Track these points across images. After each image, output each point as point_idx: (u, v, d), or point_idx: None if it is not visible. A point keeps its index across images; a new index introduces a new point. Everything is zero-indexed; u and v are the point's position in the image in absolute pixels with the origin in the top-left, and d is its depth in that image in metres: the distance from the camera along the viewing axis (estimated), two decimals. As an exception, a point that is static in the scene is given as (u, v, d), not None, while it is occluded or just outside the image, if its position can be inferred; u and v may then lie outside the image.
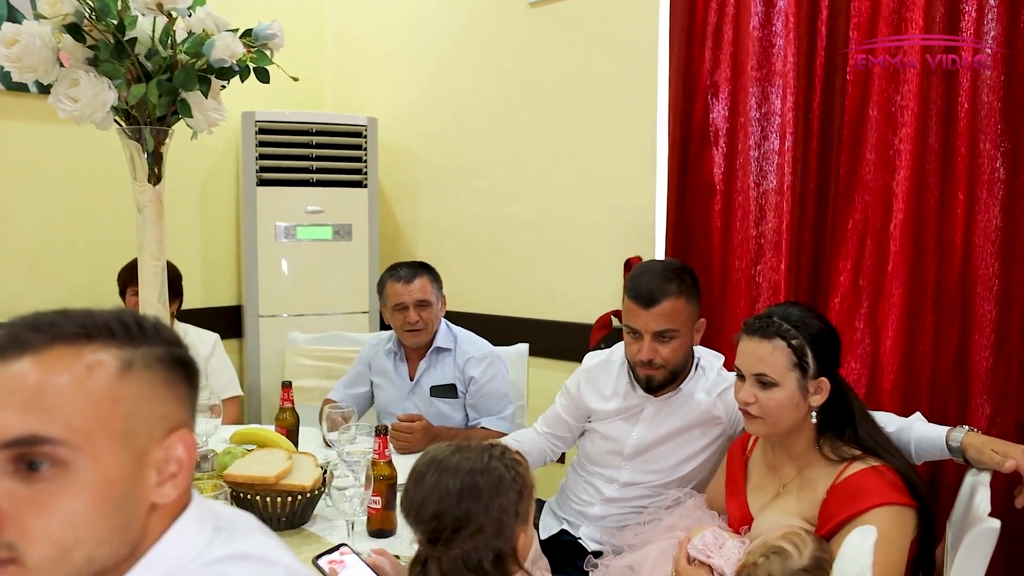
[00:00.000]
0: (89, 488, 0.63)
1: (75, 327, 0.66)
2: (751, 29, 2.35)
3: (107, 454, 0.64)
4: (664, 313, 1.75)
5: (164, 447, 0.68)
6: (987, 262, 1.98)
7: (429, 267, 2.37)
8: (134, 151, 1.50)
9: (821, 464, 1.39)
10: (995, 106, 1.96)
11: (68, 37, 1.33)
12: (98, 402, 0.64)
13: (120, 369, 0.66)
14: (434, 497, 1.02)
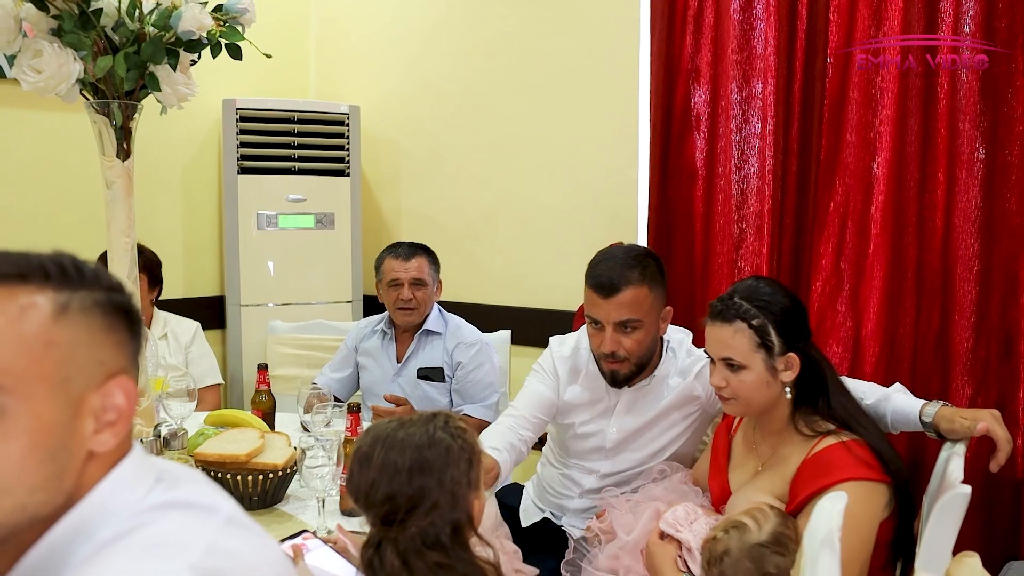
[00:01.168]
0: (21, 433, 0.61)
1: (9, 267, 0.64)
2: (732, 12, 2.34)
3: (40, 399, 0.62)
4: (625, 302, 1.66)
5: (102, 394, 0.66)
6: (967, 243, 1.98)
7: (429, 250, 2.39)
8: (102, 126, 1.48)
9: (795, 440, 1.38)
10: (974, 86, 1.96)
11: (30, 6, 1.31)
12: (31, 345, 0.62)
13: (55, 312, 0.64)
14: (384, 478, 0.98)
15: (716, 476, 1.53)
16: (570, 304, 2.69)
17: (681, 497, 1.51)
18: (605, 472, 1.80)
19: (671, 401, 1.78)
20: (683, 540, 1.30)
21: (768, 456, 1.42)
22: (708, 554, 1.23)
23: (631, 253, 1.77)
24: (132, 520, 0.63)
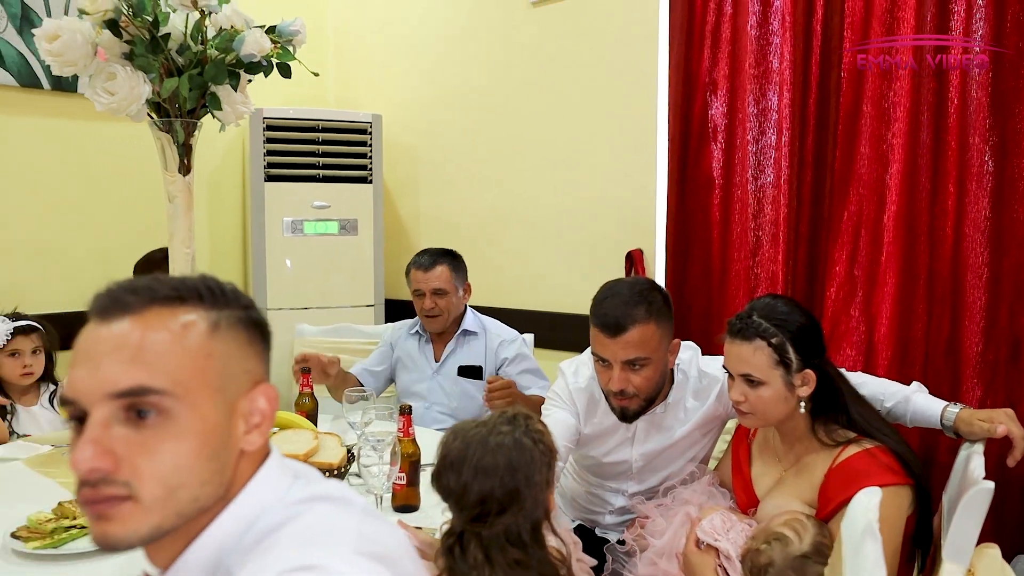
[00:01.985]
0: (191, 434, 0.69)
1: (169, 290, 0.72)
2: (749, 28, 2.43)
3: (204, 404, 0.70)
4: (633, 342, 1.60)
5: (249, 399, 0.74)
6: (977, 252, 2.07)
7: (453, 255, 2.45)
8: (165, 142, 1.56)
9: (817, 449, 1.45)
10: (983, 101, 2.05)
11: (107, 32, 1.39)
12: (194, 357, 0.70)
13: (210, 328, 0.72)
14: (477, 481, 1.06)
15: (739, 480, 1.61)
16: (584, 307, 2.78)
17: (709, 499, 1.58)
18: (634, 491, 1.84)
19: (693, 424, 1.77)
20: (722, 549, 1.37)
21: (792, 463, 1.50)
22: (751, 565, 1.30)
23: (636, 288, 1.69)
24: (286, 511, 0.71)
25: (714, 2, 2.50)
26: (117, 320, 0.69)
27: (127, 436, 0.67)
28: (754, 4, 2.42)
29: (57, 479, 1.74)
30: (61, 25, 1.38)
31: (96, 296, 0.72)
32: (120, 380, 0.67)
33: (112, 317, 0.69)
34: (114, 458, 0.66)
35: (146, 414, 0.68)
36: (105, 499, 0.66)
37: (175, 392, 0.68)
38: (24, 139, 2.72)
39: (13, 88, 2.66)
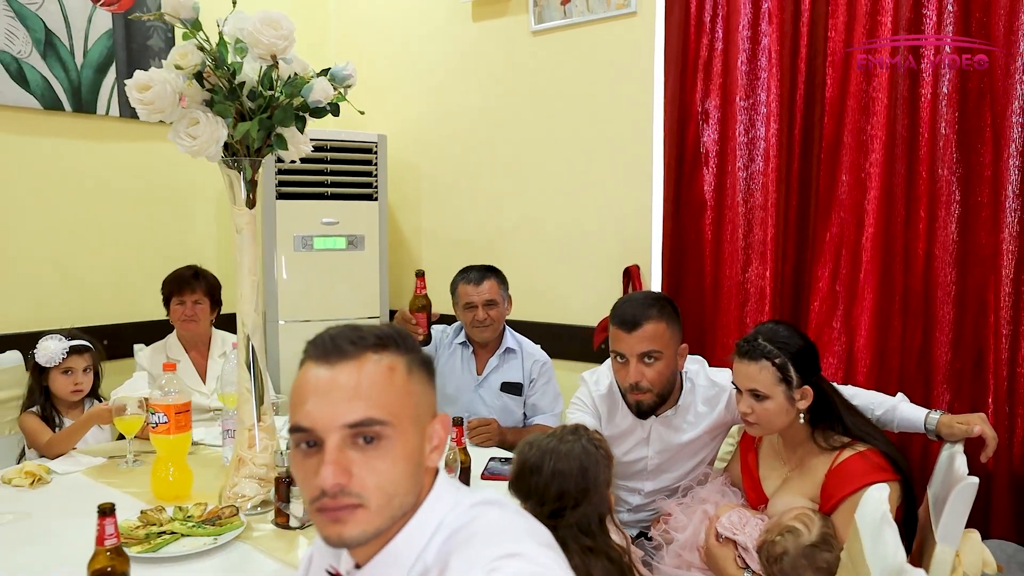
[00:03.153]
0: (402, 456, 0.85)
1: (375, 340, 0.88)
2: (739, 64, 2.65)
3: (409, 431, 0.86)
4: (647, 335, 1.83)
5: (431, 426, 0.90)
6: (946, 271, 2.32)
7: (497, 270, 2.61)
8: (233, 179, 1.70)
9: (817, 452, 1.66)
10: (951, 138, 2.29)
11: (195, 82, 1.53)
12: (400, 394, 0.87)
13: (407, 370, 0.88)
14: (555, 482, 1.26)
15: (749, 480, 1.81)
16: (588, 320, 2.98)
17: (723, 497, 1.79)
18: (649, 490, 2.05)
19: (703, 428, 1.97)
20: (740, 542, 1.57)
21: (795, 465, 1.70)
22: (767, 555, 1.51)
23: (649, 296, 1.99)
24: (466, 514, 0.87)
25: (707, 39, 2.72)
26: (341, 364, 0.85)
27: (357, 458, 0.83)
28: (744, 42, 2.64)
29: (120, 489, 1.86)
30: (152, 76, 1.51)
31: (316, 342, 0.87)
32: (352, 414, 0.83)
33: (336, 361, 0.85)
34: (349, 475, 0.82)
35: (370, 440, 0.84)
36: (343, 507, 0.82)
37: (391, 422, 0.84)
38: (47, 160, 2.80)
39: (37, 111, 2.74)
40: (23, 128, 2.73)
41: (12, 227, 2.73)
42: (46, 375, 2.18)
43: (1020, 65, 2.18)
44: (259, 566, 1.45)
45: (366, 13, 3.63)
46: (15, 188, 2.73)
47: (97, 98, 2.87)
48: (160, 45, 3.04)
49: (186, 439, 1.80)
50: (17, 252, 2.74)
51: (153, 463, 1.82)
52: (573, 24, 3.03)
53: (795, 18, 2.53)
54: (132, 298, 3.05)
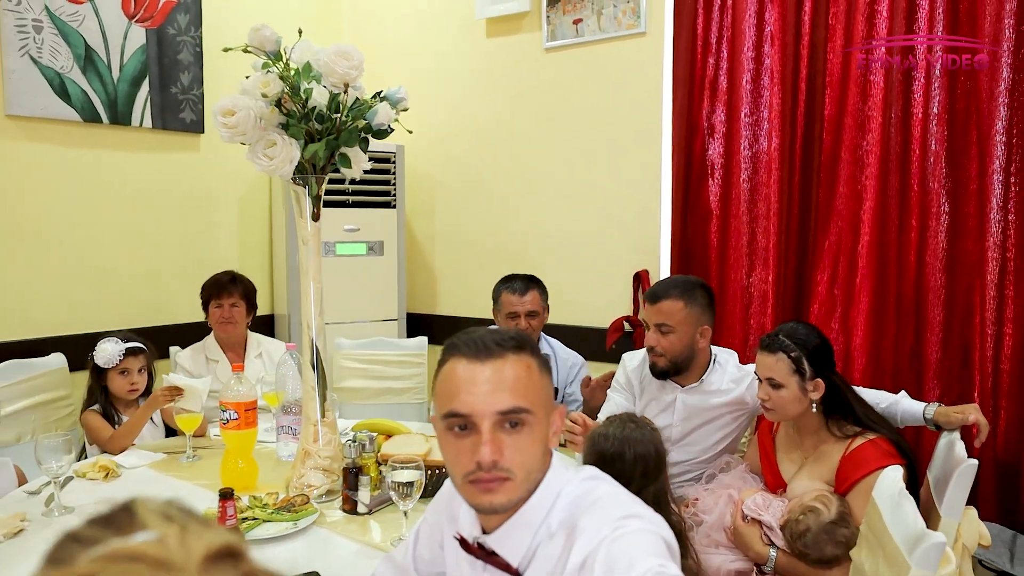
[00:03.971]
0: (538, 438, 1.02)
1: (513, 343, 1.04)
2: (744, 82, 2.84)
3: (542, 418, 1.03)
4: (662, 310, 2.14)
5: (552, 415, 1.07)
6: (936, 276, 2.53)
7: (539, 280, 2.74)
8: (300, 194, 1.85)
9: (832, 440, 1.85)
10: (940, 154, 2.51)
11: (275, 107, 1.68)
12: (537, 388, 1.03)
13: (539, 368, 1.05)
14: (639, 466, 1.45)
15: (767, 466, 2.00)
16: (601, 322, 3.16)
17: (744, 483, 1.97)
18: (674, 460, 2.23)
19: (724, 405, 2.20)
20: (765, 521, 1.76)
21: (810, 452, 1.89)
22: (791, 532, 1.69)
23: (680, 279, 2.28)
24: (580, 486, 1.03)
25: (713, 58, 2.91)
26: (491, 362, 1.01)
27: (505, 439, 0.99)
28: (748, 62, 2.84)
29: (188, 480, 2.01)
30: (236, 103, 1.66)
31: (466, 343, 1.03)
32: (503, 403, 0.99)
33: (486, 359, 1.01)
34: (501, 453, 0.98)
35: (516, 425, 1.00)
36: (494, 479, 0.98)
37: (531, 410, 1.01)
38: (86, 170, 2.92)
39: (77, 123, 2.86)
40: (65, 140, 2.84)
41: (54, 235, 2.84)
42: (104, 375, 2.31)
43: (1003, 89, 2.40)
44: (341, 547, 1.61)
45: (381, 30, 3.78)
46: (57, 198, 2.84)
47: (132, 110, 3.00)
48: (189, 59, 3.16)
49: (253, 434, 1.95)
50: (59, 259, 2.86)
51: (223, 456, 1.96)
52: (585, 42, 3.20)
53: (796, 40, 2.73)
54: (164, 302, 3.18)
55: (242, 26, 1.75)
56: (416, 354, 3.20)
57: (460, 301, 3.65)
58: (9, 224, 2.73)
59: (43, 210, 2.81)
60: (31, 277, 2.79)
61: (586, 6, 3.18)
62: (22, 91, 2.68)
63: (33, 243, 2.79)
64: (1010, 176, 2.41)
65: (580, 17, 3.21)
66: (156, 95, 3.06)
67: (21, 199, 2.75)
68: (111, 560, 0.46)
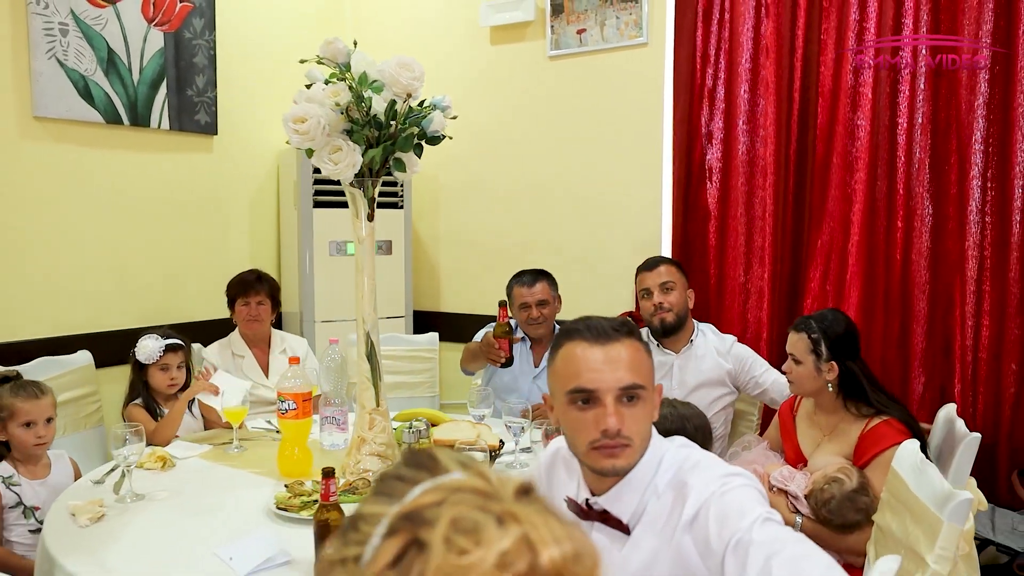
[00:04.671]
0: (649, 410, 1.17)
1: (626, 329, 1.18)
2: (741, 92, 3.04)
3: (651, 393, 1.17)
4: (663, 272, 2.61)
5: (655, 391, 1.22)
6: (921, 274, 2.75)
7: (548, 273, 2.89)
8: (357, 196, 1.96)
9: (850, 420, 2.04)
10: (924, 161, 2.73)
11: (334, 113, 1.79)
12: (648, 367, 1.18)
13: (645, 351, 1.19)
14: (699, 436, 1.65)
15: (788, 442, 2.19)
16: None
17: (766, 459, 2.16)
18: None
19: (712, 374, 2.58)
20: (790, 491, 1.94)
21: (829, 431, 2.08)
22: (816, 500, 1.87)
23: (664, 256, 2.86)
24: (680, 452, 1.18)
25: (712, 69, 3.10)
26: (611, 345, 1.15)
27: (624, 411, 1.13)
28: (745, 73, 3.03)
29: (242, 468, 2.10)
30: (307, 111, 1.76)
31: (588, 328, 1.17)
32: (625, 380, 1.14)
33: (606, 343, 1.15)
34: (623, 423, 1.13)
35: (632, 399, 1.15)
36: (617, 445, 1.13)
37: (646, 386, 1.16)
38: (106, 170, 2.97)
39: (100, 125, 2.91)
40: (88, 141, 2.89)
41: (76, 235, 2.89)
42: (145, 371, 2.39)
43: (981, 102, 2.63)
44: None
45: (386, 34, 3.89)
46: (80, 198, 2.89)
47: (151, 112, 3.06)
48: (204, 62, 3.23)
49: (308, 423, 2.06)
50: (81, 258, 2.91)
51: (280, 444, 2.07)
52: (588, 52, 3.37)
53: (790, 53, 2.94)
54: (180, 299, 3.24)
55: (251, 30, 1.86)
56: (428, 349, 3.32)
57: (463, 299, 3.77)
58: (35, 224, 2.77)
59: (67, 210, 2.86)
60: (56, 275, 2.83)
61: (589, 17, 3.35)
62: (49, 93, 2.73)
63: (57, 242, 2.83)
64: (987, 181, 2.65)
65: (584, 27, 3.37)
66: (173, 97, 3.13)
67: (47, 199, 2.79)
68: (449, 491, 0.59)
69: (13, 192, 2.70)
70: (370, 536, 0.57)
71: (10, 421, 1.92)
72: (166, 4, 3.07)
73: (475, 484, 0.57)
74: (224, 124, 3.36)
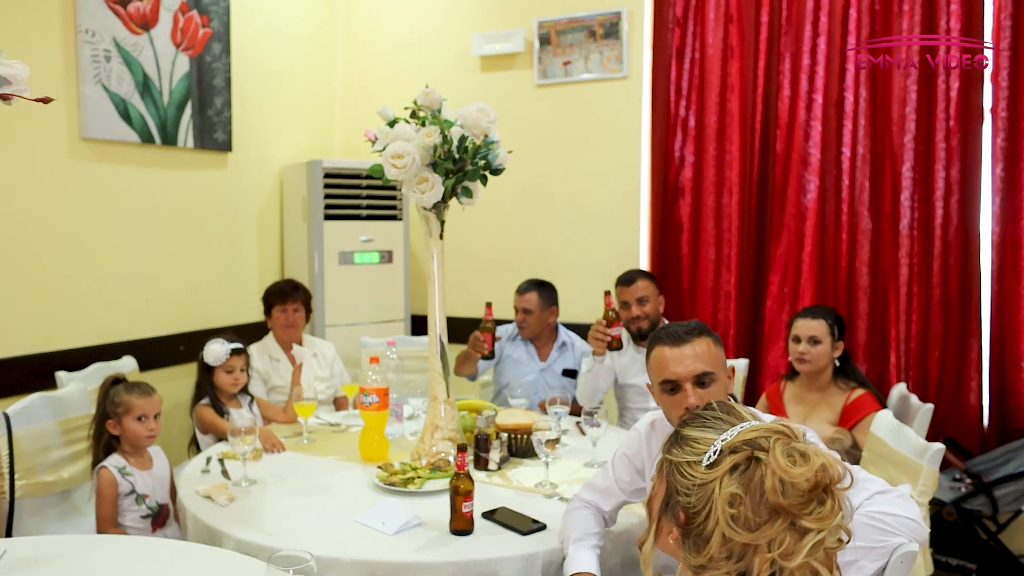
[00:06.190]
0: (720, 389, 1.55)
1: (697, 329, 1.58)
2: (711, 121, 3.52)
3: (722, 376, 1.56)
4: (638, 287, 2.97)
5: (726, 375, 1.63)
6: (863, 279, 3.31)
7: (542, 284, 3.23)
8: (431, 218, 2.29)
9: (835, 393, 2.54)
10: (864, 185, 3.29)
11: (424, 150, 2.12)
12: (717, 357, 1.57)
13: (715, 343, 1.59)
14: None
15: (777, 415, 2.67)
16: (588, 318, 3.74)
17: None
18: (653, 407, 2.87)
19: None
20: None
21: (816, 403, 2.57)
22: None
23: (639, 269, 3.15)
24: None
25: (684, 101, 3.57)
26: (687, 344, 1.55)
27: (701, 392, 1.53)
28: (713, 106, 3.52)
29: (325, 456, 2.39)
30: (404, 149, 2.08)
31: (664, 335, 1.56)
32: (699, 369, 1.54)
33: (683, 343, 1.55)
34: (701, 401, 1.52)
35: (704, 384, 1.55)
36: None
37: (715, 373, 1.56)
38: (141, 186, 3.15)
39: (136, 144, 3.10)
40: (126, 159, 3.07)
41: (116, 248, 3.06)
42: (212, 372, 2.62)
43: (910, 138, 3.20)
44: (498, 493, 2.07)
45: (381, 59, 4.17)
46: (118, 213, 3.06)
47: (178, 132, 3.26)
48: (221, 84, 3.45)
49: (386, 415, 2.37)
50: (120, 270, 3.08)
51: (361, 432, 2.37)
52: (573, 82, 3.78)
53: (753, 91, 3.44)
54: (201, 307, 3.44)
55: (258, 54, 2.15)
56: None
57: (456, 304, 4.10)
58: (82, 238, 2.93)
59: (107, 224, 3.03)
60: (99, 286, 3.00)
61: (575, 51, 3.76)
62: (94, 115, 2.91)
63: (100, 255, 3.00)
64: (915, 203, 3.22)
65: (569, 59, 3.78)
66: (196, 117, 3.34)
67: (90, 215, 2.96)
68: (767, 431, 0.98)
69: (63, 208, 2.86)
70: (704, 452, 0.96)
71: (125, 416, 2.15)
72: (191, 30, 3.28)
73: (781, 428, 0.97)
74: (236, 141, 3.58)
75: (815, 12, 3.32)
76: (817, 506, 0.92)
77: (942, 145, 3.15)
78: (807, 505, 0.92)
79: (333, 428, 2.70)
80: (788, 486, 0.91)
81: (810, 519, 0.91)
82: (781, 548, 0.90)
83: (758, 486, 0.93)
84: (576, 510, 1.77)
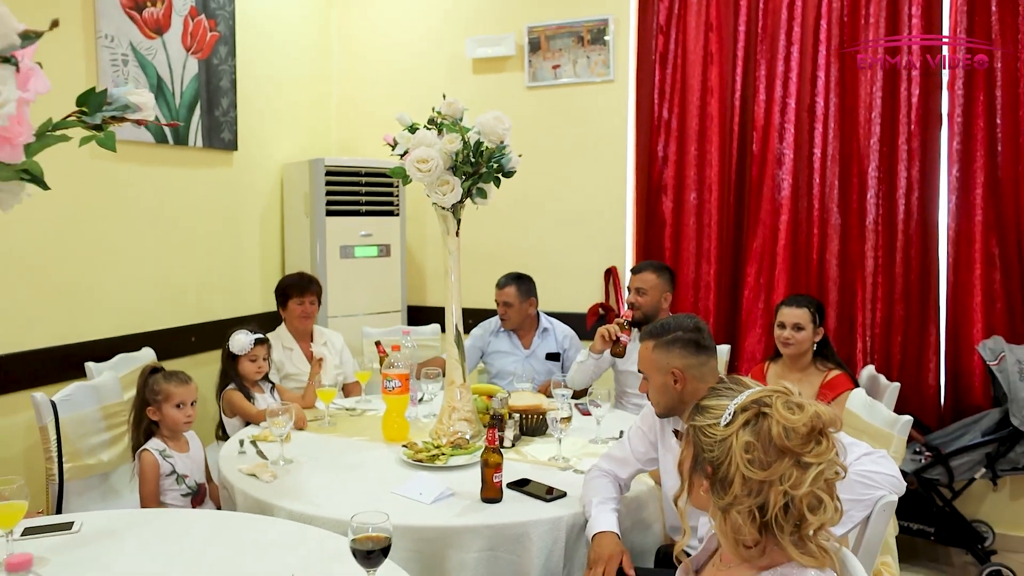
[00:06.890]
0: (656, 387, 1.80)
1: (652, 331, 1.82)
2: (692, 122, 3.77)
3: (658, 378, 1.82)
4: (639, 279, 3.18)
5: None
6: (832, 270, 3.58)
7: (521, 278, 3.42)
8: (448, 217, 2.48)
9: (813, 373, 2.80)
10: (833, 183, 3.56)
11: (445, 154, 2.31)
12: (655, 362, 1.82)
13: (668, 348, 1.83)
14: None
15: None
16: (580, 307, 3.97)
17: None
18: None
19: None
20: None
21: (796, 381, 2.81)
22: None
23: (655, 261, 3.38)
24: None
25: (667, 104, 3.81)
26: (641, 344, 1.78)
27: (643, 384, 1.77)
28: (694, 108, 3.76)
29: (350, 437, 2.58)
30: (428, 154, 2.26)
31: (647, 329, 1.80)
32: (640, 367, 1.77)
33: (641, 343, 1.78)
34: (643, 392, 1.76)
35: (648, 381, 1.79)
36: None
37: (647, 373, 1.80)
38: (155, 185, 3.28)
39: (151, 144, 3.23)
40: (142, 159, 3.20)
41: (131, 245, 3.19)
42: (236, 361, 2.79)
43: (875, 140, 3.48)
44: (514, 467, 2.28)
45: (377, 61, 4.33)
46: (134, 211, 3.19)
47: (188, 132, 3.39)
48: (227, 85, 3.59)
49: (407, 398, 2.56)
50: (135, 266, 3.21)
51: (384, 415, 2.56)
52: (562, 84, 3.99)
53: (731, 95, 3.69)
54: (207, 301, 3.58)
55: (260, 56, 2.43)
56: (431, 339, 3.85)
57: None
58: (102, 235, 3.06)
59: (124, 222, 3.16)
60: (116, 281, 3.13)
61: (564, 55, 3.97)
62: (113, 117, 3.03)
63: (117, 251, 3.13)
64: (880, 200, 3.50)
65: (558, 63, 3.99)
66: (205, 118, 3.47)
67: (109, 213, 3.09)
68: (770, 392, 1.21)
69: (85, 207, 2.98)
70: (720, 415, 1.18)
71: (165, 403, 2.31)
72: (200, 34, 3.41)
73: (780, 388, 1.20)
74: (241, 140, 3.72)
75: (789, 23, 3.58)
76: (815, 445, 1.15)
77: (904, 147, 3.44)
78: (807, 444, 1.14)
79: (350, 412, 2.89)
80: (790, 431, 1.14)
81: (811, 455, 1.14)
82: (790, 481, 1.13)
83: (767, 433, 1.15)
84: (596, 478, 1.99)
